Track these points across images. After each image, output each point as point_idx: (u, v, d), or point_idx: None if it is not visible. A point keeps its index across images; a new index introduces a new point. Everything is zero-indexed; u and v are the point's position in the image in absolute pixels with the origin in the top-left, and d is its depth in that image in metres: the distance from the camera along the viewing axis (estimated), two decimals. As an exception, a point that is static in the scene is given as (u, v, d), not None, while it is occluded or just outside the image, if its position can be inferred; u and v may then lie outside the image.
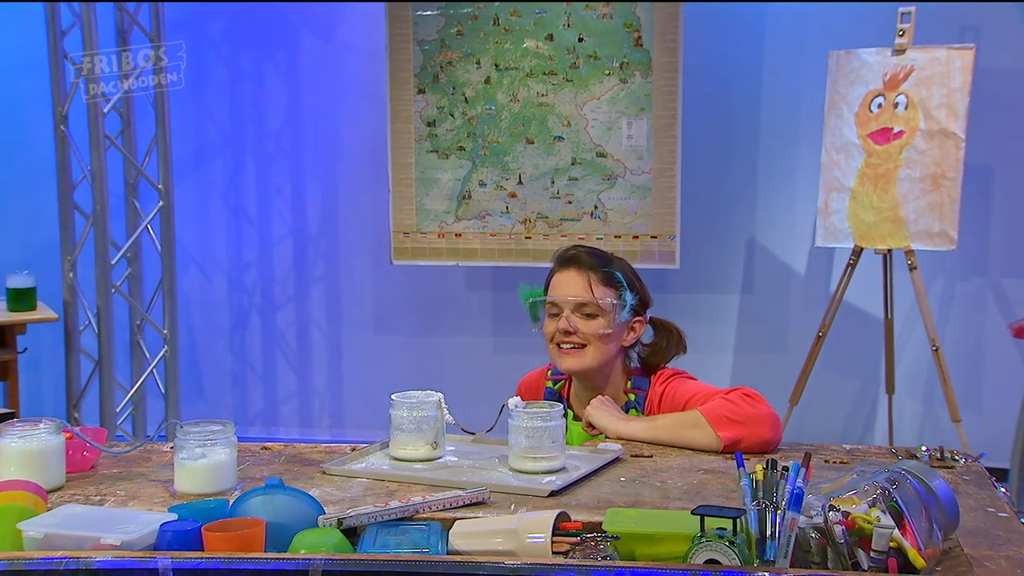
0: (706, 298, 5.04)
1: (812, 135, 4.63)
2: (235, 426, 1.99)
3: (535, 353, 5.06)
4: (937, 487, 1.61)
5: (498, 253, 4.83)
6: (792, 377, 4.45)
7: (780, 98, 4.94)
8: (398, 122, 4.84)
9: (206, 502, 1.79)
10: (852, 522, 1.55)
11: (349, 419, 5.45)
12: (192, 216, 5.36)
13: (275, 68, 5.33)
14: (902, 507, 1.55)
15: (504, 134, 4.77)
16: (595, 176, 4.73)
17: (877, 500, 1.57)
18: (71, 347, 4.67)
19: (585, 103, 4.70)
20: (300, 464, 2.12)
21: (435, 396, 2.16)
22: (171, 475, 1.97)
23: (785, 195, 4.98)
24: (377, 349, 5.40)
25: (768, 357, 5.02)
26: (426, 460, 2.12)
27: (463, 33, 4.74)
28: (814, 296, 4.96)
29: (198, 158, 5.40)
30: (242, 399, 5.54)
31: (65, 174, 4.62)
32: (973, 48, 4.09)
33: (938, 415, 4.79)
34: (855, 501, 1.60)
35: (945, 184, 4.10)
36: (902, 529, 1.54)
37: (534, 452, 2.03)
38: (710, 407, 2.26)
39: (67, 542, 1.61)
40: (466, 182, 4.82)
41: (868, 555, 1.52)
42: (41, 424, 1.99)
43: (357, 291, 5.40)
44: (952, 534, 1.64)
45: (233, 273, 5.50)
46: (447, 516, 1.78)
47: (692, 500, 1.87)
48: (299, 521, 1.70)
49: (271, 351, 5.52)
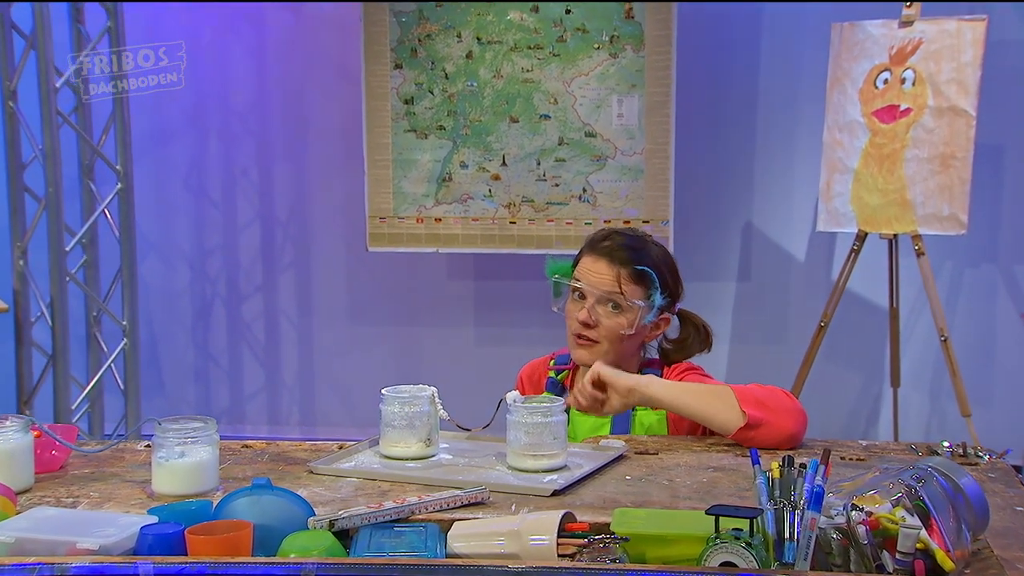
0: (701, 286, 5.03)
1: (813, 113, 4.65)
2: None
3: (519, 345, 5.10)
4: (965, 485, 1.62)
5: (480, 239, 4.83)
6: (792, 370, 4.48)
7: (780, 74, 4.97)
8: (373, 100, 4.82)
9: (188, 503, 1.78)
10: (876, 522, 1.56)
11: (321, 416, 5.45)
12: (152, 200, 5.32)
13: (240, 41, 5.30)
14: (929, 506, 1.56)
15: (487, 112, 4.77)
16: (583, 157, 4.73)
17: (902, 499, 1.58)
18: (22, 340, 4.63)
19: (573, 79, 4.70)
20: (285, 463, 2.12)
21: (428, 390, 2.16)
22: (148, 475, 1.96)
23: (785, 177, 5.01)
24: (351, 342, 5.40)
25: (766, 349, 5.05)
26: (419, 458, 2.13)
27: (443, 4, 4.73)
28: (815, 284, 4.99)
29: (158, 138, 5.37)
30: (206, 395, 5.53)
31: (14, 154, 4.56)
32: (985, 20, 4.12)
33: (946, 410, 4.84)
34: (877, 500, 1.61)
35: (955, 164, 4.13)
36: (929, 529, 1.55)
37: (534, 449, 2.04)
38: (740, 386, 2.29)
39: (40, 547, 1.60)
40: (446, 164, 4.82)
41: (893, 557, 1.53)
42: (8, 421, 1.98)
43: (330, 280, 5.39)
44: (981, 534, 1.66)
45: (196, 261, 5.47)
46: (444, 517, 1.78)
47: (703, 499, 1.88)
48: (288, 523, 1.69)
49: (237, 344, 5.50)
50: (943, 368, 4.42)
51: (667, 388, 2.33)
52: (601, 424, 2.49)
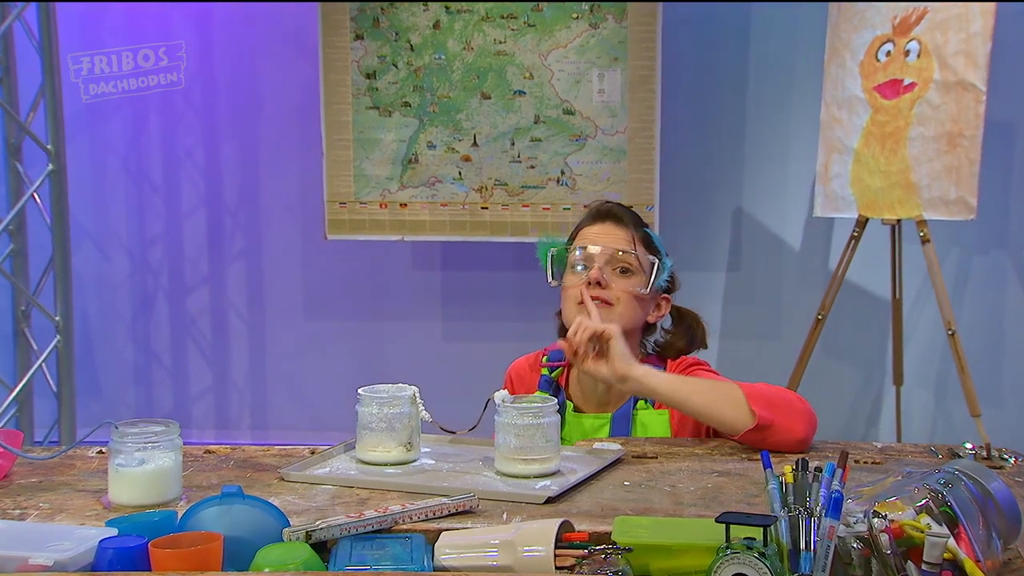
0: (688, 276, 4.95)
1: (810, 88, 4.68)
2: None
3: (490, 341, 5.13)
4: (995, 490, 1.64)
5: (450, 226, 4.83)
6: (787, 366, 4.50)
7: (774, 46, 4.98)
8: (332, 74, 4.81)
9: (150, 514, 1.78)
10: (900, 530, 1.58)
11: (274, 420, 5.43)
12: (87, 183, 5.28)
13: (184, 7, 5.26)
14: (957, 512, 1.58)
15: (456, 88, 4.76)
16: (561, 137, 4.74)
17: (928, 505, 1.60)
18: (-55, 338, 4.60)
19: (550, 52, 4.70)
20: (253, 469, 2.12)
21: (409, 390, 2.17)
22: (103, 484, 1.96)
23: (779, 158, 5.04)
24: (307, 338, 5.38)
25: (759, 344, 5.08)
26: (399, 463, 2.13)
27: (408, -31, 4.74)
28: (811, 274, 5.02)
29: (94, 114, 5.32)
30: (147, 397, 5.50)
31: (-68, 132, 4.54)
32: (995, -13, 4.15)
33: (951, 409, 4.88)
34: (899, 507, 1.63)
35: (963, 144, 4.15)
36: (957, 537, 1.57)
37: (525, 453, 2.05)
38: (750, 384, 2.31)
39: (-11, 563, 1.60)
40: (412, 144, 4.81)
41: (919, 568, 1.55)
42: (-53, 427, 1.97)
43: (284, 271, 5.37)
44: (1013, 543, 1.67)
45: (136, 250, 5.43)
46: (431, 527, 1.79)
47: (709, 506, 1.90)
48: (261, 535, 1.70)
49: (181, 341, 5.47)
50: (949, 364, 4.46)
51: (668, 381, 2.35)
52: (600, 426, 2.50)
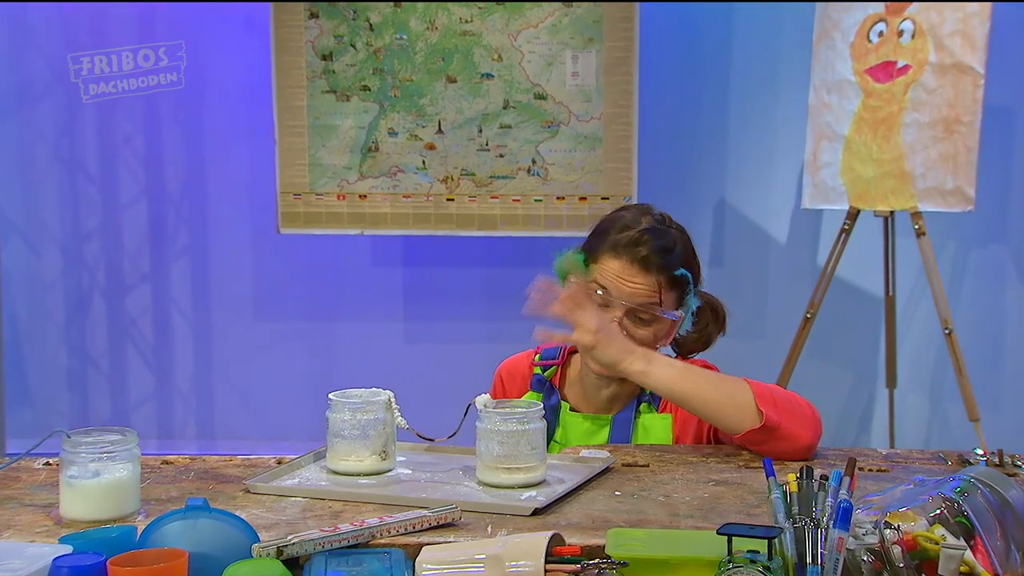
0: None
1: (798, 71, 4.70)
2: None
3: (456, 342, 5.14)
4: (1013, 498, 1.65)
5: (413, 219, 4.83)
6: (773, 369, 4.53)
7: (759, 26, 5.00)
8: (285, 55, 4.80)
9: (107, 530, 1.77)
10: (913, 542, 1.59)
11: (221, 428, 5.41)
12: (15, 172, 5.26)
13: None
14: (974, 522, 1.59)
15: (419, 70, 4.76)
16: (532, 123, 4.75)
17: (943, 515, 1.61)
18: None
19: (520, 32, 4.71)
20: (215, 481, 2.11)
21: (383, 395, 2.17)
22: (53, 498, 1.95)
23: (764, 146, 5.06)
24: (257, 340, 5.36)
25: (743, 344, 5.03)
26: (374, 473, 2.13)
27: (366, -58, 4.74)
28: (799, 270, 5.05)
29: (20, 97, 5.29)
30: (82, 405, 5.46)
31: None
32: (994, -37, 4.19)
33: (947, 413, 4.92)
34: (912, 517, 1.64)
35: (960, 130, 4.18)
36: (973, 549, 1.58)
37: (509, 462, 2.05)
38: (758, 383, 2.32)
39: (-67, 585, 1.59)
40: (372, 131, 4.81)
41: (933, 582, 1.57)
42: None
43: (232, 268, 5.35)
44: (1032, 555, 1.70)
45: (70, 245, 5.39)
46: (411, 541, 1.79)
47: (707, 517, 1.91)
48: (229, 551, 1.69)
49: (120, 344, 5.44)
50: (946, 366, 4.49)
51: (670, 374, 2.35)
52: (600, 427, 2.51)
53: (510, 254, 5.01)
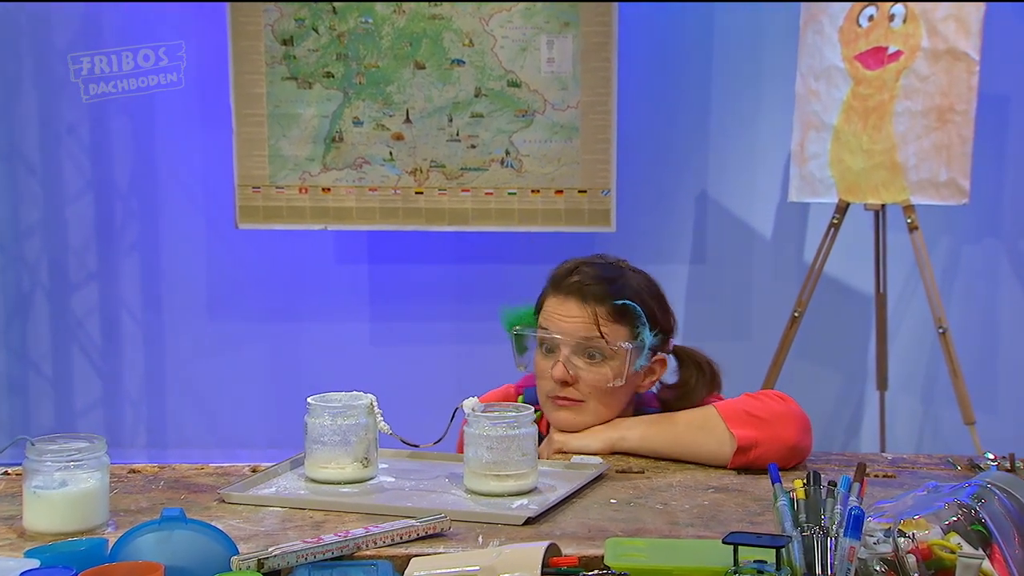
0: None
1: (783, 57, 4.73)
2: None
3: (423, 344, 5.13)
4: (1032, 505, 1.68)
5: (379, 214, 4.83)
6: (759, 369, 4.55)
7: (743, 11, 5.01)
8: (242, 39, 4.79)
9: (76, 543, 1.78)
10: (929, 551, 1.61)
11: (175, 435, 5.38)
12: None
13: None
14: (991, 530, 1.61)
15: (385, 56, 4.76)
16: (506, 112, 4.75)
17: (958, 523, 1.63)
18: None
19: (492, 16, 4.71)
20: (187, 490, 2.11)
21: (365, 399, 2.18)
22: (15, 510, 1.95)
23: (749, 136, 5.08)
24: (212, 342, 5.33)
25: (727, 344, 5.06)
26: (355, 481, 2.14)
27: (328, -80, 4.73)
28: (785, 266, 5.07)
29: (-43, 85, 5.26)
30: (23, 411, 5.43)
31: None
32: (989, -55, 4.22)
33: (940, 415, 4.95)
34: (925, 525, 1.66)
35: (954, 120, 4.21)
36: (991, 558, 1.60)
37: (499, 468, 2.06)
38: (728, 403, 2.35)
39: None
40: (336, 120, 4.80)
41: (949, 592, 1.59)
42: None
43: (186, 265, 5.32)
44: (1053, 563, 1.72)
45: (9, 242, 5.36)
46: (398, 552, 1.80)
47: (708, 526, 1.92)
48: (207, 564, 1.70)
49: (65, 346, 5.40)
50: (939, 366, 4.52)
51: (636, 429, 2.41)
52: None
53: (482, 250, 5.01)
